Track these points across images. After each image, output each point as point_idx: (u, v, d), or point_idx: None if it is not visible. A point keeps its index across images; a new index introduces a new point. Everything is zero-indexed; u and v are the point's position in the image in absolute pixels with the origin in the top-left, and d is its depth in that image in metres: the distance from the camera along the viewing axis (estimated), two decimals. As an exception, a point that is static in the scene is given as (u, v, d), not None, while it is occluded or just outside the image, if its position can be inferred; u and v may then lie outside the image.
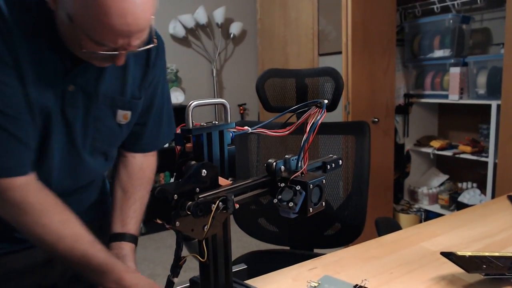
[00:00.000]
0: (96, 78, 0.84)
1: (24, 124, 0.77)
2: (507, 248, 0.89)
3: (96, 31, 0.69)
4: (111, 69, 0.85)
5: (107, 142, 0.93)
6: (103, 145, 0.92)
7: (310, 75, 1.40)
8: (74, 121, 0.84)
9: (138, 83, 0.92)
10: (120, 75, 0.88)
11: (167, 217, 0.49)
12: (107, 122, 0.89)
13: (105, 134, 0.90)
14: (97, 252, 0.80)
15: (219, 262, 0.60)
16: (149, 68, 0.93)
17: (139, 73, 0.92)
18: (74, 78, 0.81)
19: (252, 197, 0.58)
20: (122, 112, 0.90)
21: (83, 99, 0.84)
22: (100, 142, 0.91)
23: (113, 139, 0.94)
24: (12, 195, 0.76)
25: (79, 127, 0.85)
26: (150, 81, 0.95)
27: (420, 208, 3.04)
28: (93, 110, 0.86)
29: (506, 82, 2.24)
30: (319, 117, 0.59)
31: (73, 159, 0.88)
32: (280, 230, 1.48)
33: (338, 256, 0.88)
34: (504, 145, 2.28)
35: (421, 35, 2.91)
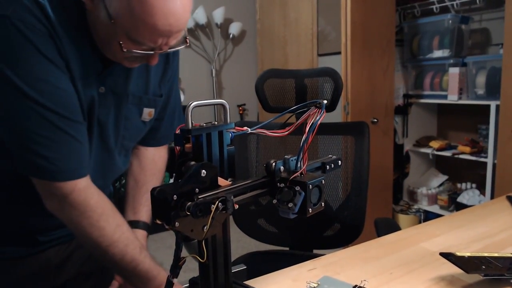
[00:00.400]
0: (124, 78, 0.85)
1: (81, 126, 0.79)
2: (506, 249, 0.89)
3: (138, 30, 0.70)
4: (136, 69, 0.86)
5: (134, 140, 0.96)
6: (130, 143, 0.94)
7: (309, 75, 1.40)
8: (106, 122, 0.85)
9: (159, 80, 0.94)
10: (144, 74, 0.90)
11: (167, 217, 0.48)
12: (134, 120, 0.91)
13: (132, 133, 0.93)
14: (144, 258, 0.81)
15: (218, 262, 0.59)
16: (168, 65, 0.95)
17: (160, 70, 0.93)
18: (104, 79, 0.82)
19: (251, 198, 0.58)
20: (147, 110, 0.92)
21: (113, 100, 0.85)
22: (128, 140, 0.93)
23: (138, 137, 0.97)
24: (75, 197, 0.77)
25: (111, 127, 0.87)
26: (169, 77, 0.97)
27: (419, 209, 3.04)
28: (124, 110, 0.87)
29: (505, 83, 2.24)
30: (318, 117, 0.59)
31: (105, 159, 0.89)
32: (280, 230, 1.48)
33: (338, 256, 0.88)
34: (503, 146, 2.28)
35: (420, 36, 2.91)
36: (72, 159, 0.76)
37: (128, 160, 1.01)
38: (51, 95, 0.72)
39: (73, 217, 0.78)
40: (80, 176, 0.77)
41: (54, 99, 0.73)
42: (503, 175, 2.30)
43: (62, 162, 0.75)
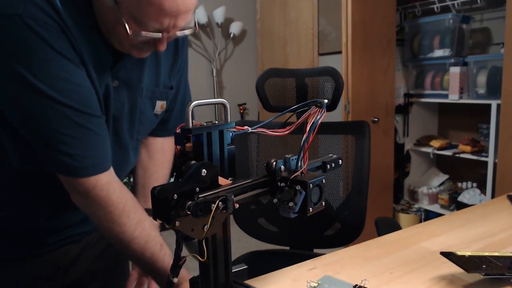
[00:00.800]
0: (137, 72, 0.84)
1: (100, 120, 0.77)
2: (507, 248, 0.89)
3: (143, 10, 0.68)
4: (147, 61, 0.85)
5: (146, 133, 0.95)
6: (142, 136, 0.94)
7: (310, 74, 1.40)
8: (121, 116, 0.84)
9: (168, 71, 0.92)
10: (154, 67, 0.88)
11: (167, 217, 0.48)
12: (148, 114, 0.90)
13: (146, 126, 0.92)
14: (164, 256, 0.80)
15: (219, 262, 0.59)
16: (178, 56, 0.93)
17: (169, 61, 0.92)
18: (117, 73, 0.80)
19: (252, 197, 0.58)
20: (160, 103, 0.91)
21: (127, 94, 0.83)
22: (141, 134, 0.92)
23: (150, 129, 0.96)
24: (97, 193, 0.76)
25: (125, 122, 0.85)
26: (178, 68, 0.95)
27: (420, 208, 3.04)
28: (138, 104, 0.86)
29: (506, 82, 2.23)
30: (319, 116, 0.59)
31: (119, 155, 0.88)
32: (280, 230, 1.48)
33: (338, 256, 0.88)
34: (504, 145, 2.28)
35: (421, 35, 2.91)
36: (94, 154, 0.76)
37: (138, 152, 1.00)
38: (69, 91, 0.71)
39: (96, 212, 0.78)
40: (102, 170, 0.77)
41: (73, 95, 0.72)
42: (503, 175, 2.29)
43: (84, 158, 0.74)
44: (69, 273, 0.96)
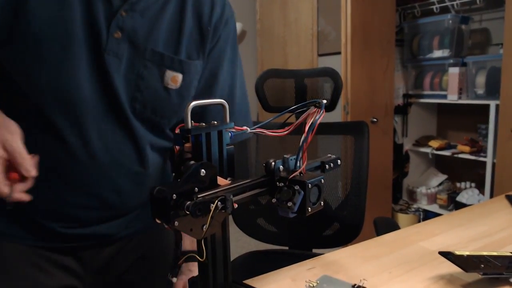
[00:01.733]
0: (148, 28, 0.73)
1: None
2: (505, 248, 0.90)
3: None
4: (166, 22, 0.75)
5: (150, 108, 0.76)
6: (145, 110, 0.76)
7: (309, 75, 1.41)
8: (115, 75, 0.71)
9: (197, 45, 0.80)
10: (176, 30, 0.77)
11: (166, 217, 0.49)
12: (151, 82, 0.75)
13: (149, 98, 0.75)
14: None
15: (218, 262, 0.60)
16: (209, 32, 0.81)
17: (197, 34, 0.80)
18: (123, 22, 0.71)
19: (250, 197, 0.58)
20: (171, 74, 0.76)
21: (128, 51, 0.72)
22: (140, 105, 0.75)
23: (159, 106, 0.77)
24: None
25: (120, 85, 0.72)
26: (210, 48, 0.83)
27: (418, 208, 3.04)
28: (137, 66, 0.73)
29: (505, 82, 2.24)
30: (317, 117, 0.59)
31: (118, 136, 0.74)
32: (279, 230, 1.49)
33: (337, 255, 0.89)
34: (502, 145, 2.28)
35: (420, 36, 2.91)
36: None
37: (164, 142, 0.82)
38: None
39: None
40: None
41: None
42: (502, 175, 2.30)
43: None
44: (96, 280, 0.84)
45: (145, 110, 0.76)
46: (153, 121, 0.78)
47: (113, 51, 0.70)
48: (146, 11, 0.73)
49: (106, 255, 0.85)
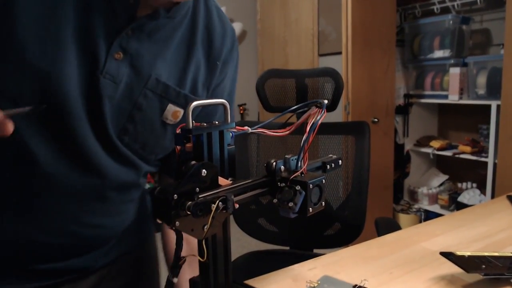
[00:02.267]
0: (154, 54, 0.65)
1: None
2: (507, 248, 0.90)
3: None
4: (173, 49, 0.67)
5: (141, 143, 0.69)
6: (134, 143, 0.68)
7: (310, 75, 1.41)
8: (106, 100, 0.62)
9: (204, 79, 0.72)
10: (182, 61, 0.69)
11: (167, 217, 0.49)
12: (149, 115, 0.67)
13: (140, 131, 0.67)
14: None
15: (218, 262, 0.60)
16: (217, 67, 0.74)
17: (205, 67, 0.72)
18: (127, 43, 0.62)
19: (252, 197, 0.58)
20: (173, 108, 0.68)
21: (128, 76, 0.63)
22: (130, 138, 0.67)
23: (151, 141, 0.70)
24: None
25: (109, 112, 0.63)
26: (216, 84, 0.75)
27: (420, 208, 3.04)
28: (137, 95, 0.64)
29: (506, 83, 2.24)
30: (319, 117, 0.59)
31: (80, 175, 0.65)
32: (280, 230, 1.49)
33: (338, 256, 0.88)
34: (503, 145, 2.28)
35: (421, 36, 2.91)
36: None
37: (139, 177, 0.74)
38: None
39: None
40: None
41: None
42: (503, 175, 2.30)
43: None
44: None
45: (135, 144, 0.68)
46: (139, 156, 0.70)
47: (110, 74, 0.61)
48: (154, 33, 0.65)
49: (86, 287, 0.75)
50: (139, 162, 0.71)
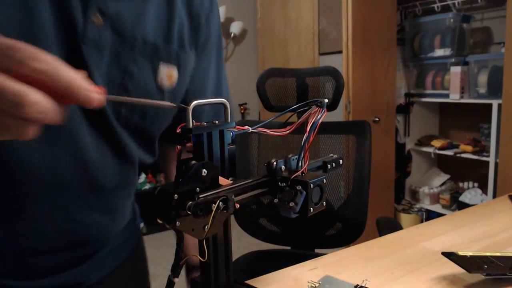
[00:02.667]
0: (135, 14, 0.59)
1: None
2: (509, 248, 0.89)
3: None
4: (153, 10, 0.62)
5: (139, 113, 0.63)
6: (132, 115, 0.62)
7: (310, 74, 1.40)
8: (94, 71, 0.56)
9: (190, 35, 0.68)
10: (164, 19, 0.63)
11: (168, 217, 0.48)
12: (142, 80, 0.62)
13: (136, 97, 0.61)
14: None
15: (219, 262, 0.59)
16: (201, 20, 0.69)
17: (189, 22, 0.68)
18: (104, 3, 0.56)
19: (252, 197, 0.57)
20: (166, 68, 0.64)
21: (112, 41, 0.57)
22: (126, 109, 0.61)
23: (150, 109, 0.65)
24: None
25: (101, 81, 0.57)
26: (204, 42, 0.70)
27: (421, 208, 3.04)
28: (124, 60, 0.59)
29: (507, 81, 2.23)
30: (319, 116, 0.59)
31: (96, 137, 0.59)
32: (281, 230, 1.48)
33: (339, 256, 0.88)
34: (505, 145, 2.27)
35: (422, 34, 2.90)
36: None
37: (135, 169, 0.69)
38: None
39: None
40: None
41: None
42: (505, 174, 2.29)
43: None
44: None
45: (133, 116, 0.62)
46: (140, 129, 0.65)
47: (93, 41, 0.55)
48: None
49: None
50: (133, 148, 0.65)
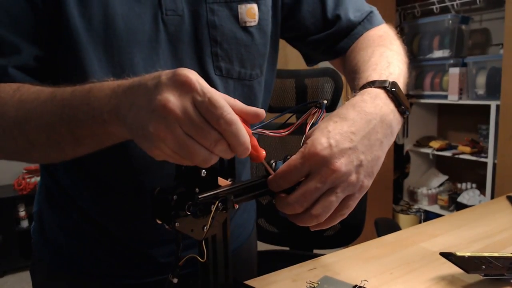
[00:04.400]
0: None
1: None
2: (507, 249, 0.89)
3: None
4: None
5: (237, 61, 0.64)
6: (232, 66, 0.64)
7: (309, 75, 1.40)
8: (179, 34, 0.59)
9: None
10: None
11: (167, 217, 0.48)
12: (226, 28, 0.62)
13: (228, 49, 0.63)
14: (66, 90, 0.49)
15: (218, 262, 0.59)
16: None
17: None
18: None
19: (251, 198, 0.57)
20: (245, 7, 0.63)
21: (186, 2, 0.60)
22: (225, 61, 0.63)
23: (245, 53, 0.65)
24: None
25: (186, 46, 0.60)
26: None
27: (419, 209, 3.04)
28: (204, 15, 0.60)
29: (505, 83, 2.24)
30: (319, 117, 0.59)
31: None
32: (280, 230, 1.48)
33: (338, 256, 0.88)
34: (503, 146, 2.28)
35: (421, 36, 2.91)
36: None
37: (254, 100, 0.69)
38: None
39: None
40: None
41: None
42: (503, 175, 2.30)
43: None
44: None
45: (232, 66, 0.64)
46: (243, 78, 0.66)
47: (171, 10, 0.58)
48: None
49: None
50: (247, 82, 0.65)
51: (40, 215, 0.77)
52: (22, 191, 2.99)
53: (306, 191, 0.49)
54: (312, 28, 0.73)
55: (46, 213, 0.75)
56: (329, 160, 0.48)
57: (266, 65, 0.72)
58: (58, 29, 0.54)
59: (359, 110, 0.53)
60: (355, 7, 0.74)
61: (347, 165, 0.49)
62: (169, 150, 0.41)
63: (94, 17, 0.55)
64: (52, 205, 0.74)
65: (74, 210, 0.71)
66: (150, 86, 0.41)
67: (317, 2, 0.72)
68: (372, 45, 0.69)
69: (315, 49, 0.77)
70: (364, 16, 0.75)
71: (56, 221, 0.74)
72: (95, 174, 0.66)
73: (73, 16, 0.54)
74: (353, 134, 0.50)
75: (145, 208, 0.57)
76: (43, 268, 0.77)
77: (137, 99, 0.41)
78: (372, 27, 0.76)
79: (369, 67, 0.61)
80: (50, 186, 0.74)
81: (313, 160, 0.48)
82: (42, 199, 0.77)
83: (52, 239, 0.74)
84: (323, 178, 0.48)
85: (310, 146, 0.49)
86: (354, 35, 0.73)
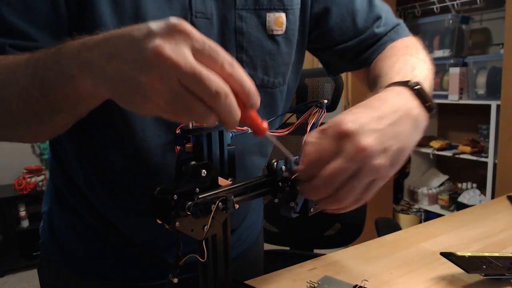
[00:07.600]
0: None
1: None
2: (507, 249, 0.89)
3: None
4: None
5: (261, 68, 0.64)
6: (256, 73, 0.64)
7: (309, 75, 1.40)
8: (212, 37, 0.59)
9: None
10: None
11: (167, 217, 0.48)
12: (253, 35, 0.63)
13: (253, 56, 0.63)
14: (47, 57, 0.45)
15: (219, 262, 0.59)
16: None
17: None
18: None
19: (252, 198, 0.57)
20: (273, 16, 0.63)
21: (215, 6, 0.60)
22: (249, 67, 0.63)
23: (269, 61, 0.65)
24: None
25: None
26: None
27: (420, 209, 3.04)
28: (232, 20, 0.61)
29: (506, 82, 2.24)
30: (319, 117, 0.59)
31: None
32: (280, 230, 1.48)
33: (338, 256, 0.88)
34: (503, 145, 2.28)
35: (421, 35, 2.90)
36: None
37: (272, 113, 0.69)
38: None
39: None
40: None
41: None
42: (503, 175, 2.30)
43: None
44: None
45: (256, 72, 0.64)
46: (266, 86, 0.66)
47: (200, 12, 0.58)
48: None
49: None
50: (270, 89, 0.65)
51: (49, 215, 0.76)
52: (22, 191, 3.00)
53: (334, 171, 0.46)
54: (339, 39, 0.74)
55: (56, 213, 0.75)
56: (358, 138, 0.45)
57: (290, 74, 0.72)
58: (88, 25, 0.54)
59: (384, 101, 0.50)
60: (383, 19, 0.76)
61: (375, 146, 0.45)
62: (163, 103, 0.38)
63: (125, 15, 0.55)
64: (63, 205, 0.73)
65: (86, 211, 0.70)
66: (138, 35, 0.38)
67: (347, 13, 0.72)
68: (397, 54, 0.69)
69: (341, 59, 0.77)
70: (391, 27, 0.76)
71: (67, 221, 0.73)
72: (112, 174, 0.66)
73: (105, 14, 0.54)
74: (380, 119, 0.47)
75: None
76: (52, 268, 0.76)
77: (119, 50, 0.38)
78: (398, 38, 0.77)
79: (393, 71, 0.61)
80: (60, 186, 0.73)
81: (342, 136, 0.45)
82: (52, 199, 0.76)
83: (62, 239, 0.74)
84: (351, 156, 0.45)
85: (336, 124, 0.46)
86: (381, 46, 0.74)
